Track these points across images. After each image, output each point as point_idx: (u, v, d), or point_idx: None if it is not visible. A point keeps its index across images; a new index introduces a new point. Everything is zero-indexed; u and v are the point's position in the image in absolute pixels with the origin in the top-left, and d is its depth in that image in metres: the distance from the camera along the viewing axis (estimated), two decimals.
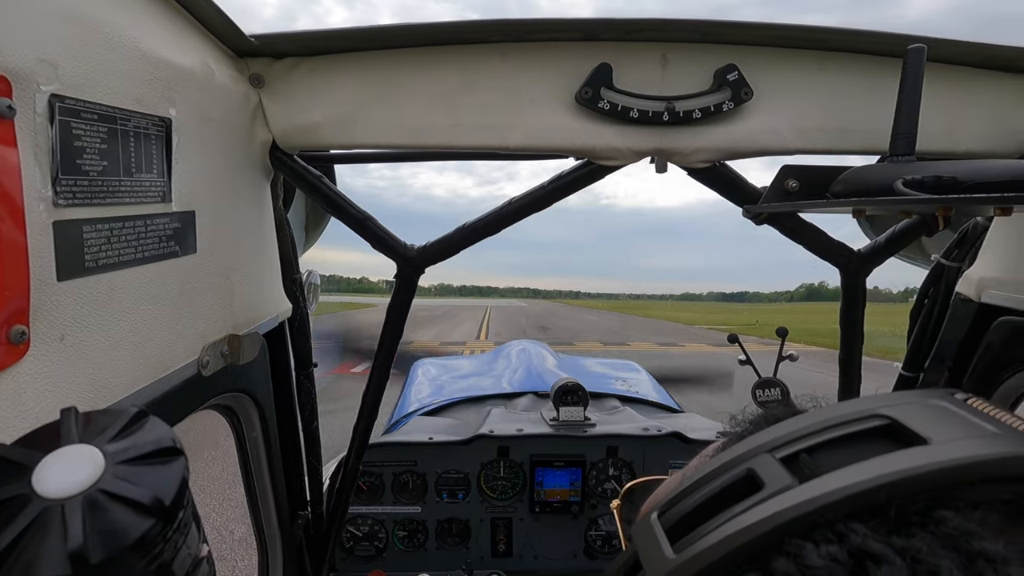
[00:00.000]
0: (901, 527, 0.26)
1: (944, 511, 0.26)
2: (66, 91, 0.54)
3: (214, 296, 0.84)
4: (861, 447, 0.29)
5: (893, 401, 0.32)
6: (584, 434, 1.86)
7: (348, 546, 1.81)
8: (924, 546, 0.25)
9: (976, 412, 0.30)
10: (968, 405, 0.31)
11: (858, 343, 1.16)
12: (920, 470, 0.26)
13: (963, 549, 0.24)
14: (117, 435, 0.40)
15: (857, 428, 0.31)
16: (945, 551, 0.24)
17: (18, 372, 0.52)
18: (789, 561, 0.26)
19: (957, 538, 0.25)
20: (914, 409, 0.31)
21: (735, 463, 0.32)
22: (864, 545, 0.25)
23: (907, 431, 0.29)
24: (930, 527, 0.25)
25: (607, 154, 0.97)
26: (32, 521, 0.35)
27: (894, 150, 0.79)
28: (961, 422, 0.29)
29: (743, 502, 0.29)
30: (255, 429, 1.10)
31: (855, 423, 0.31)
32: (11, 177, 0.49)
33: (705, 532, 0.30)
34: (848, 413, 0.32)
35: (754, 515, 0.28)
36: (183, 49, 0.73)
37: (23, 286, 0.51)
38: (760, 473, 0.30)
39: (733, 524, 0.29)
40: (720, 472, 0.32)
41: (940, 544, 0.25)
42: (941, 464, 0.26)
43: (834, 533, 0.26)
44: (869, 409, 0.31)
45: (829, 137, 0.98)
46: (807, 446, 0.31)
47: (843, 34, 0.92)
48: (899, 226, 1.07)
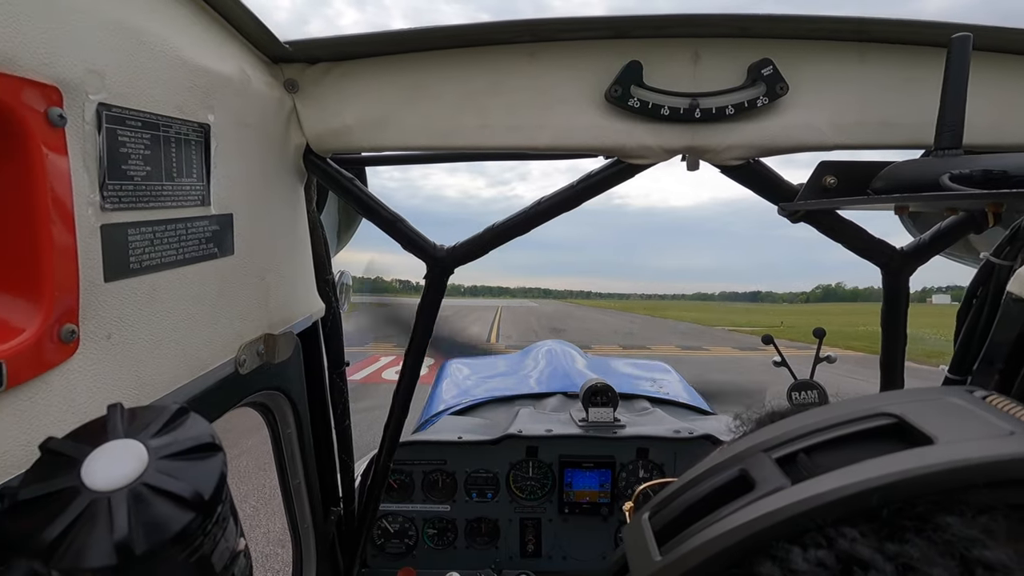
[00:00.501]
0: (895, 532, 0.24)
1: (946, 516, 0.24)
2: (112, 100, 0.56)
3: (251, 296, 0.86)
4: (863, 447, 0.28)
5: (903, 399, 0.30)
6: (614, 435, 1.84)
7: (379, 543, 1.84)
8: (918, 553, 0.23)
9: (994, 411, 0.28)
10: (986, 403, 0.29)
11: (901, 345, 1.12)
12: (920, 471, 0.25)
13: (962, 557, 0.23)
14: (160, 431, 0.41)
15: (861, 427, 0.29)
16: (942, 558, 0.23)
17: (69, 369, 0.54)
18: (774, 565, 0.25)
19: (956, 544, 0.23)
20: (925, 407, 0.29)
21: (729, 463, 0.31)
22: (852, 550, 0.24)
23: (914, 430, 0.27)
24: (927, 533, 0.24)
25: (637, 153, 0.96)
26: (81, 512, 0.36)
27: (939, 144, 0.76)
28: (974, 421, 0.27)
29: (732, 503, 0.28)
30: (289, 426, 1.13)
31: (860, 422, 0.29)
32: (62, 183, 0.51)
33: (692, 534, 0.28)
34: (853, 411, 0.30)
35: (741, 516, 0.27)
36: (221, 57, 0.75)
37: (73, 287, 0.53)
38: (753, 473, 0.29)
39: (720, 526, 0.27)
40: (713, 472, 0.31)
41: (937, 551, 0.23)
42: (944, 465, 0.25)
43: (824, 537, 0.25)
44: (876, 407, 0.29)
45: (869, 132, 0.94)
46: (806, 446, 0.29)
47: (883, 24, 0.89)
48: (945, 223, 1.03)
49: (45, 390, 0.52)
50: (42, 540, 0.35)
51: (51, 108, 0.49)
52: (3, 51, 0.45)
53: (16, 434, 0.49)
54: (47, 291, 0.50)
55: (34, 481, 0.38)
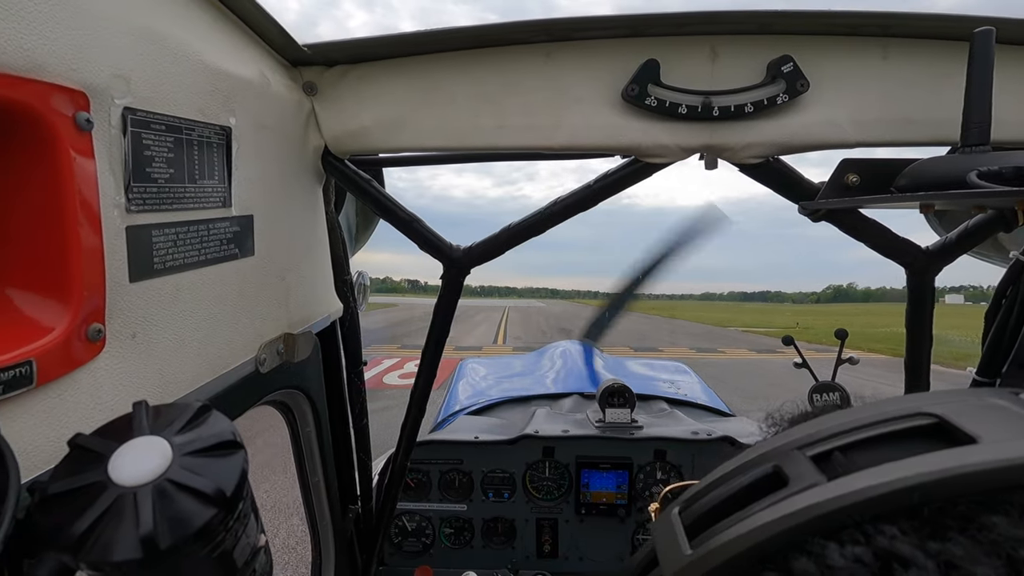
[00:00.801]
0: (937, 531, 0.23)
1: (991, 516, 0.23)
2: (137, 104, 0.58)
3: (271, 296, 0.87)
4: (902, 446, 0.27)
5: (945, 399, 0.29)
6: (631, 436, 1.83)
7: (396, 541, 1.85)
8: (962, 551, 0.22)
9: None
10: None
11: (926, 347, 1.09)
12: (963, 470, 0.24)
13: (1008, 557, 0.22)
14: (183, 428, 0.42)
15: (900, 426, 0.28)
16: (987, 558, 0.22)
17: (96, 367, 0.55)
18: (810, 561, 0.24)
19: (1003, 544, 0.22)
20: (968, 407, 0.28)
21: (762, 460, 0.30)
22: (892, 547, 0.23)
23: (956, 430, 0.26)
24: (971, 532, 0.23)
25: (655, 152, 0.95)
26: (108, 507, 0.37)
27: (966, 140, 0.74)
28: (1020, 421, 0.26)
29: (766, 499, 0.27)
30: (308, 424, 1.14)
31: (898, 421, 0.28)
32: (89, 186, 0.52)
33: (723, 528, 0.28)
34: (892, 411, 0.29)
35: (776, 512, 0.26)
36: (242, 60, 0.77)
37: (100, 287, 0.54)
38: (787, 470, 0.28)
39: (753, 520, 0.27)
40: (746, 468, 0.31)
41: (982, 551, 0.22)
42: (988, 464, 0.24)
43: (861, 534, 0.24)
44: (916, 407, 0.29)
45: (892, 129, 0.92)
46: (842, 444, 0.28)
47: (906, 19, 0.87)
48: (972, 221, 1.00)
49: (73, 388, 0.53)
50: (71, 533, 0.36)
51: (79, 113, 0.51)
52: (33, 58, 0.46)
53: (46, 430, 0.50)
54: (75, 291, 0.52)
55: (63, 476, 0.39)
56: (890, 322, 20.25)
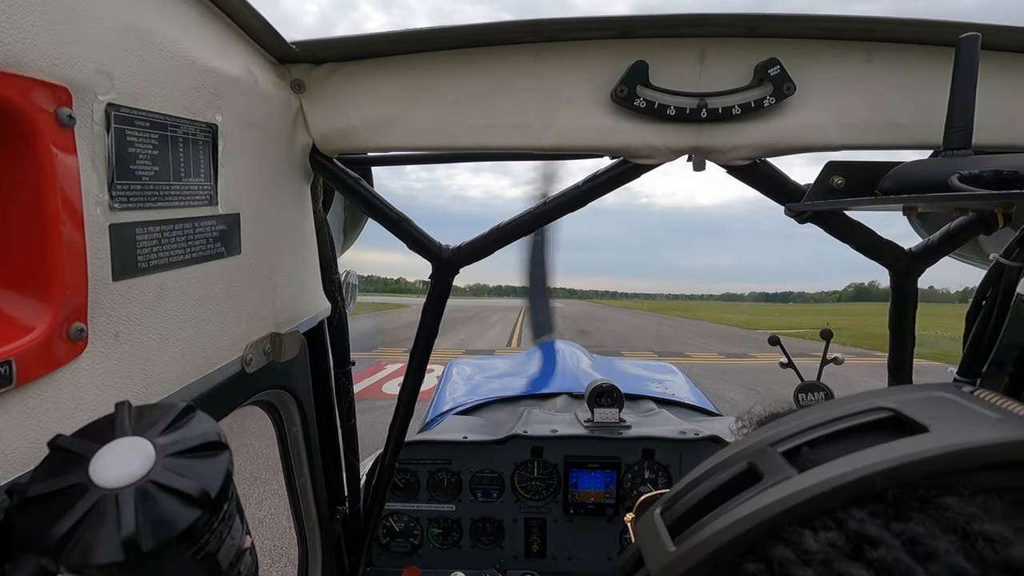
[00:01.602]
0: (900, 512, 0.26)
1: (945, 497, 0.26)
2: (121, 100, 0.57)
3: (257, 296, 0.86)
4: (863, 438, 0.29)
5: (898, 394, 0.32)
6: (619, 436, 1.84)
7: (384, 542, 1.84)
8: (923, 529, 0.25)
9: (982, 402, 0.30)
10: (974, 396, 0.31)
11: (909, 347, 1.11)
12: (917, 456, 0.27)
13: (963, 530, 0.24)
14: (167, 429, 0.41)
15: (861, 421, 0.31)
16: (945, 533, 0.24)
17: (77, 367, 0.54)
18: (787, 548, 0.26)
19: (957, 520, 0.25)
20: (918, 400, 0.31)
21: (737, 458, 0.32)
22: (861, 529, 0.25)
23: (909, 421, 0.29)
24: (929, 512, 0.25)
25: (643, 153, 0.96)
26: (89, 509, 0.36)
27: (948, 144, 0.75)
28: (964, 411, 0.30)
29: (743, 494, 0.29)
30: (295, 425, 1.14)
31: (859, 416, 0.31)
32: (71, 183, 0.52)
33: (705, 524, 0.30)
34: (853, 407, 0.32)
35: (753, 504, 0.28)
36: (229, 57, 0.76)
37: (82, 286, 0.54)
38: (760, 466, 0.30)
39: (732, 515, 0.29)
40: (722, 467, 0.33)
41: (939, 527, 0.25)
42: (939, 450, 0.27)
43: (833, 520, 0.26)
44: (873, 403, 0.32)
45: (877, 132, 0.94)
46: (809, 439, 0.31)
47: (891, 24, 0.88)
48: (954, 224, 1.02)
49: (54, 388, 0.52)
50: (51, 536, 0.36)
51: (61, 108, 0.50)
52: (14, 52, 0.45)
53: (26, 431, 0.49)
54: (56, 290, 0.51)
55: (43, 478, 0.38)
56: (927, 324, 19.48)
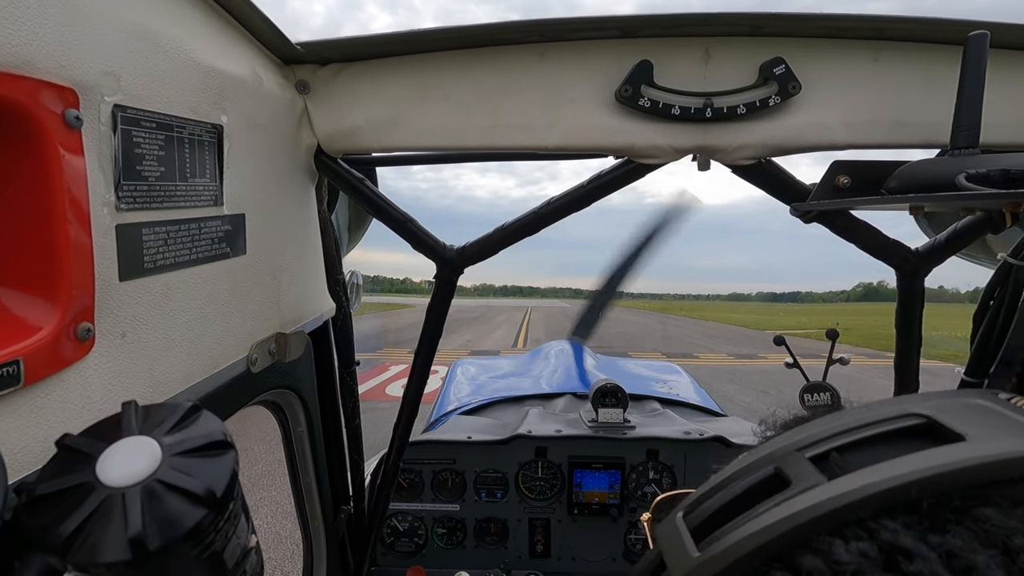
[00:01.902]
0: (936, 524, 0.25)
1: (983, 509, 0.24)
2: (127, 101, 0.57)
3: (263, 296, 0.87)
4: (895, 445, 0.28)
5: (932, 400, 0.31)
6: (623, 436, 1.83)
7: (389, 541, 1.84)
8: (960, 542, 0.24)
9: (1020, 410, 0.29)
10: (1011, 404, 0.30)
11: (915, 347, 1.11)
12: (955, 466, 0.25)
13: (1004, 545, 0.23)
14: (173, 428, 0.42)
15: (892, 427, 0.30)
16: (984, 547, 0.23)
17: (84, 367, 0.55)
18: (817, 558, 0.25)
19: (997, 534, 0.24)
20: (953, 407, 0.30)
21: (762, 463, 0.31)
22: (895, 540, 0.24)
23: (944, 429, 0.28)
24: (967, 524, 0.24)
25: (648, 152, 0.95)
26: (96, 508, 0.37)
27: (955, 143, 0.74)
28: (1002, 420, 0.28)
29: (769, 500, 0.28)
30: (300, 425, 1.14)
31: (890, 422, 0.30)
32: (78, 184, 0.52)
33: (730, 530, 0.29)
34: (883, 413, 0.31)
35: (780, 512, 0.27)
36: (234, 58, 0.76)
37: (89, 286, 0.54)
38: (787, 471, 0.29)
39: (759, 521, 0.28)
40: (747, 472, 0.32)
41: (979, 541, 0.24)
42: (977, 460, 0.25)
43: (864, 530, 0.25)
44: (905, 409, 0.30)
45: (883, 131, 0.93)
46: (838, 445, 0.30)
47: (898, 22, 0.88)
48: (961, 223, 1.01)
49: (62, 387, 0.53)
50: (58, 535, 0.36)
51: (68, 110, 0.50)
52: (22, 54, 0.46)
53: (33, 430, 0.50)
54: (64, 290, 0.51)
55: (50, 477, 0.38)
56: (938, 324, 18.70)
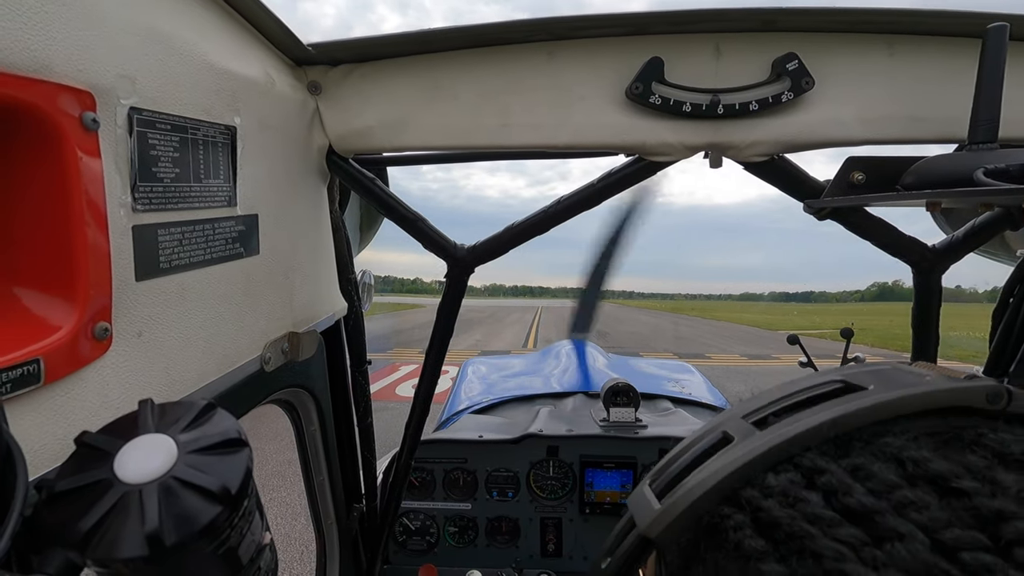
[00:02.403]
0: (845, 451, 0.31)
1: (884, 438, 0.31)
2: (143, 103, 0.58)
3: (275, 295, 0.88)
4: (817, 405, 0.35)
5: (848, 370, 0.38)
6: (635, 436, 1.83)
7: (401, 539, 1.85)
8: (863, 459, 0.30)
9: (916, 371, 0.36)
10: (912, 368, 0.37)
11: (933, 347, 1.09)
12: (857, 407, 0.32)
13: (896, 457, 0.29)
14: (188, 426, 0.42)
15: (815, 392, 0.36)
16: (882, 462, 0.29)
17: (102, 366, 0.56)
18: (754, 489, 0.31)
19: (892, 451, 0.30)
20: (863, 372, 0.37)
21: (712, 430, 0.38)
22: (812, 464, 0.31)
23: (853, 386, 0.35)
24: (870, 448, 0.30)
25: (659, 150, 0.95)
26: (115, 504, 0.37)
27: (973, 138, 0.73)
28: (900, 374, 0.36)
29: (717, 455, 0.34)
30: (313, 423, 1.15)
31: (815, 388, 0.37)
32: (96, 185, 0.53)
33: (686, 484, 0.34)
34: (810, 383, 0.37)
35: (724, 459, 0.33)
36: (247, 60, 0.77)
37: (106, 286, 0.55)
38: (731, 432, 0.36)
39: (707, 470, 0.33)
40: (699, 438, 0.38)
41: (877, 458, 0.30)
42: (875, 400, 0.32)
43: (790, 463, 0.31)
44: (827, 378, 0.37)
45: (899, 126, 0.92)
46: (774, 410, 0.36)
47: (914, 15, 0.86)
48: (979, 220, 0.99)
49: (80, 386, 0.53)
50: (78, 530, 0.36)
51: (85, 113, 0.51)
52: (40, 58, 0.46)
53: (53, 428, 0.51)
54: (82, 290, 0.52)
55: (70, 473, 0.39)
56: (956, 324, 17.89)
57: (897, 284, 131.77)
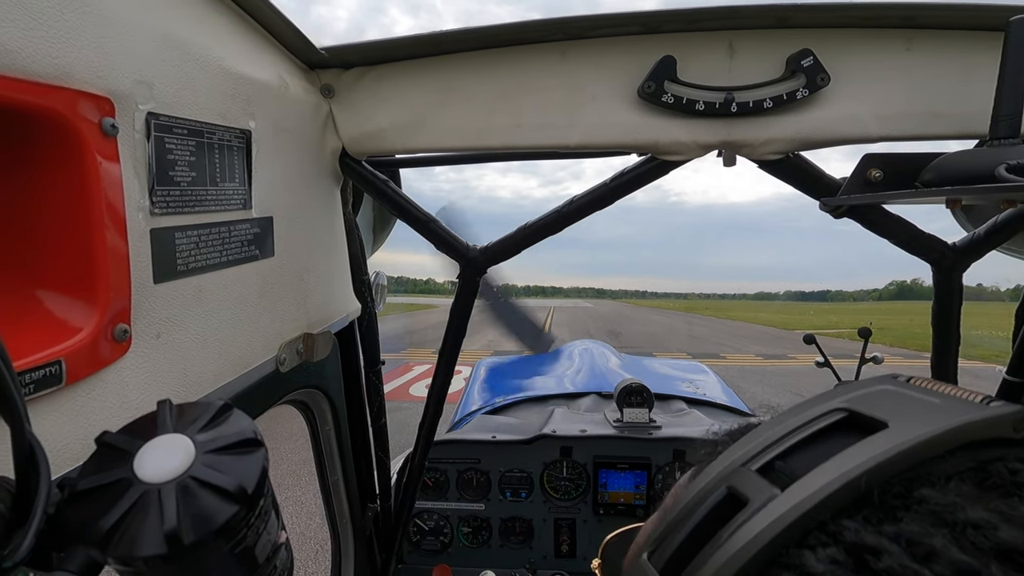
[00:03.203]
0: (887, 513, 0.26)
1: (923, 489, 0.27)
2: (160, 109, 0.59)
3: (290, 297, 0.88)
4: (828, 441, 0.31)
5: (845, 394, 0.34)
6: (649, 436, 1.81)
7: (415, 540, 1.86)
8: (915, 527, 0.25)
9: (922, 390, 0.33)
10: (912, 384, 0.34)
11: (954, 347, 1.07)
12: (888, 454, 0.28)
13: (951, 522, 0.25)
14: (205, 426, 0.43)
15: (821, 425, 0.32)
16: (936, 528, 0.25)
17: (122, 367, 0.57)
18: (791, 573, 0.26)
19: (942, 513, 0.26)
20: (865, 397, 0.33)
21: (714, 485, 0.32)
22: (858, 539, 0.26)
23: (865, 418, 0.31)
24: (914, 507, 0.26)
25: (672, 149, 0.94)
26: (134, 503, 0.38)
27: (995, 133, 0.72)
28: (912, 402, 0.32)
29: (731, 523, 0.29)
30: (328, 423, 1.16)
31: (818, 420, 0.32)
32: (115, 190, 0.54)
33: (701, 564, 0.29)
34: (809, 414, 0.33)
35: (745, 535, 0.28)
36: (262, 65, 0.78)
37: (125, 288, 0.56)
38: (740, 489, 0.30)
39: (726, 549, 0.28)
40: (701, 498, 0.32)
41: (930, 523, 0.25)
42: (905, 444, 0.28)
43: (827, 534, 0.26)
44: (826, 406, 0.33)
45: (917, 122, 0.90)
46: (778, 452, 0.32)
47: (932, 9, 0.85)
48: (1001, 217, 0.97)
49: (101, 386, 0.54)
50: (99, 528, 0.37)
51: (105, 118, 0.52)
52: (60, 66, 0.47)
53: (75, 428, 0.52)
54: (102, 293, 0.53)
55: (91, 473, 0.40)
56: (979, 323, 16.95)
57: (916, 282, 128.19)
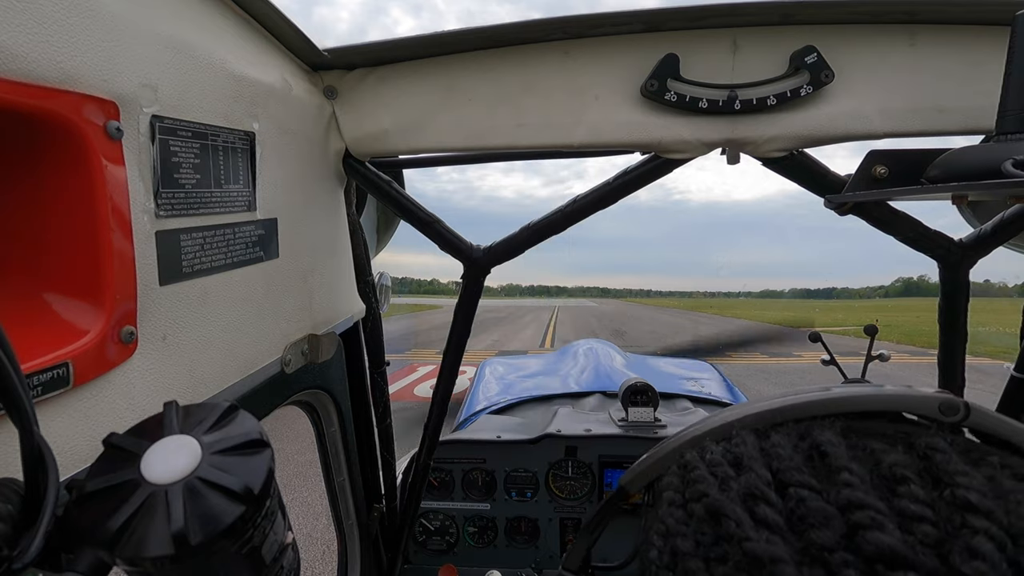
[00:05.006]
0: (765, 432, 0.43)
1: (774, 434, 0.40)
2: (164, 111, 0.59)
3: (295, 298, 0.89)
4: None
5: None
6: (654, 435, 1.81)
7: (421, 539, 1.86)
8: (776, 437, 0.40)
9: (888, 386, 0.45)
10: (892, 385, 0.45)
11: (960, 343, 1.06)
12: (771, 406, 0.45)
13: (802, 435, 0.39)
14: (212, 427, 0.43)
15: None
16: (789, 440, 0.39)
17: (128, 369, 0.57)
18: (694, 451, 0.43)
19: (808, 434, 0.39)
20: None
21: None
22: (740, 439, 0.42)
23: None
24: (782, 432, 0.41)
25: (675, 147, 0.94)
26: (142, 504, 0.38)
27: (1001, 128, 0.71)
28: (871, 388, 0.44)
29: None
30: (333, 424, 1.16)
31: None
32: (120, 193, 0.54)
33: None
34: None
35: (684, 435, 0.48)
36: (265, 67, 0.78)
37: (131, 291, 0.56)
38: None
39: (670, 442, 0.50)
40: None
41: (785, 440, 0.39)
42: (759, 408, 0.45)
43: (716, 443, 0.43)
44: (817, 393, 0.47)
45: (922, 118, 0.90)
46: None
47: (937, 4, 0.84)
48: (1008, 212, 0.97)
49: (107, 388, 0.55)
50: (107, 530, 0.37)
51: (109, 122, 0.52)
52: (66, 70, 0.48)
53: (82, 430, 0.52)
54: (108, 295, 0.53)
55: (99, 474, 0.40)
56: (986, 319, 16.95)
57: (923, 279, 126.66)
